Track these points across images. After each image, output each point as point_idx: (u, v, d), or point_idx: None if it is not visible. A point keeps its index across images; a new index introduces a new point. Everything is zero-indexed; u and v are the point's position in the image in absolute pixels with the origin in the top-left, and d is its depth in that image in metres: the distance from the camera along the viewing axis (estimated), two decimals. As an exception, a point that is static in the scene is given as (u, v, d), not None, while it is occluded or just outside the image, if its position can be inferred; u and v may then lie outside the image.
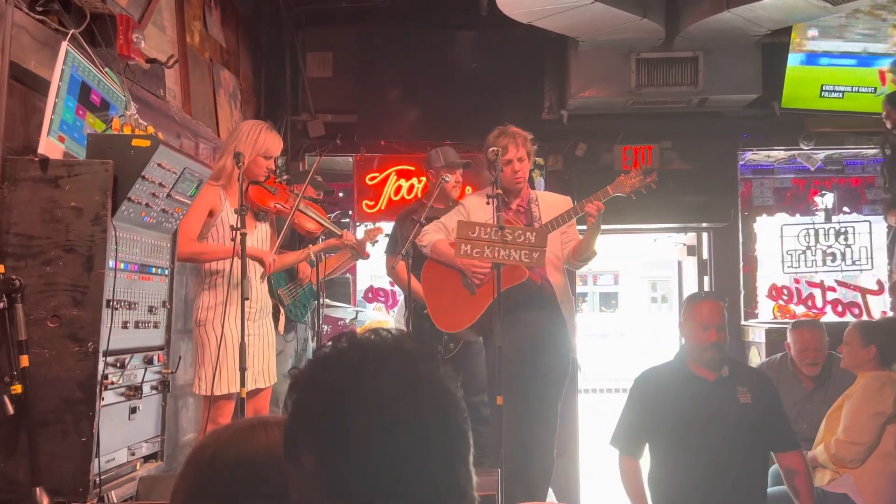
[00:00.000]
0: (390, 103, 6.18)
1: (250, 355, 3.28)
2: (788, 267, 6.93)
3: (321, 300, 4.29)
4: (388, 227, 5.76)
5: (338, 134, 6.08)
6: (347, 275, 6.12)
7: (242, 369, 3.15)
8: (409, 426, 0.96)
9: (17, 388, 2.43)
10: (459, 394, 1.03)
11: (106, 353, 2.59)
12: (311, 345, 4.74)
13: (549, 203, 3.95)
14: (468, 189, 5.21)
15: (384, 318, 7.03)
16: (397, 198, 6.13)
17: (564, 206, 3.86)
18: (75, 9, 3.01)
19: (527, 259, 3.46)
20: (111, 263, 2.62)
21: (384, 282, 7.26)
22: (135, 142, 2.68)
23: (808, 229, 7.06)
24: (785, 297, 6.81)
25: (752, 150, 6.53)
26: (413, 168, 6.14)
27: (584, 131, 6.08)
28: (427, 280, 4.08)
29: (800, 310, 6.65)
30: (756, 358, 5.90)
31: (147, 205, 2.81)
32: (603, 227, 3.74)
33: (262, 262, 3.53)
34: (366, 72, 6.18)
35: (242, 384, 3.15)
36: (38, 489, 2.44)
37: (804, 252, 6.99)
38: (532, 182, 4.87)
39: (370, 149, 6.16)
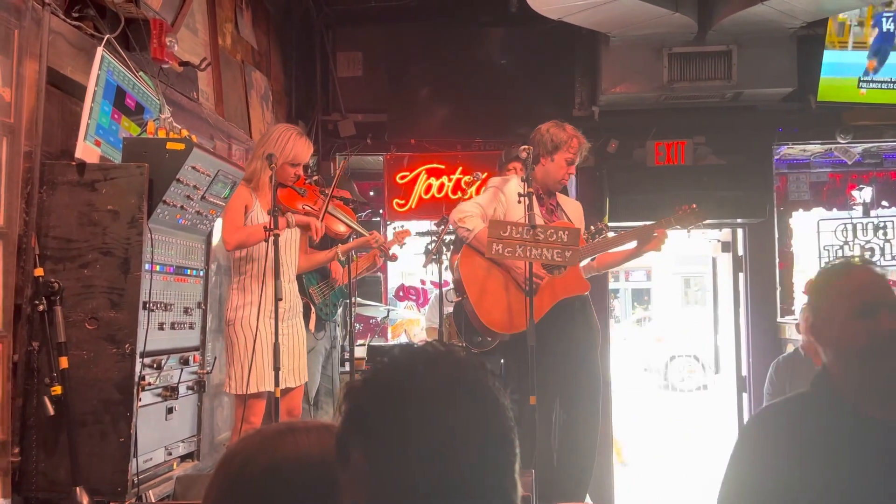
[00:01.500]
0: (420, 102, 6.19)
1: (280, 354, 3.29)
2: (826, 263, 6.81)
3: (353, 299, 4.31)
4: (418, 226, 5.75)
5: (368, 133, 6.11)
6: (378, 273, 6.14)
7: (276, 369, 3.16)
8: (456, 428, 0.97)
9: (57, 390, 2.48)
10: (507, 404, 1.04)
11: (143, 355, 2.62)
12: (343, 343, 4.76)
13: (571, 207, 4.02)
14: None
15: (415, 316, 7.05)
16: (427, 196, 6.13)
17: (579, 209, 4.00)
18: (110, 14, 3.05)
19: (559, 258, 3.43)
20: (147, 266, 2.66)
21: (415, 280, 7.28)
22: (169, 145, 2.71)
23: (845, 224, 6.94)
24: (822, 294, 6.68)
25: (788, 145, 6.41)
26: (443, 166, 6.14)
27: (616, 127, 6.02)
28: (468, 269, 3.75)
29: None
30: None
31: (182, 207, 2.84)
32: (635, 223, 3.73)
33: (309, 227, 3.53)
34: (396, 71, 6.20)
35: (277, 384, 3.17)
36: (78, 489, 2.49)
37: (842, 247, 6.88)
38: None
39: (400, 147, 6.18)
